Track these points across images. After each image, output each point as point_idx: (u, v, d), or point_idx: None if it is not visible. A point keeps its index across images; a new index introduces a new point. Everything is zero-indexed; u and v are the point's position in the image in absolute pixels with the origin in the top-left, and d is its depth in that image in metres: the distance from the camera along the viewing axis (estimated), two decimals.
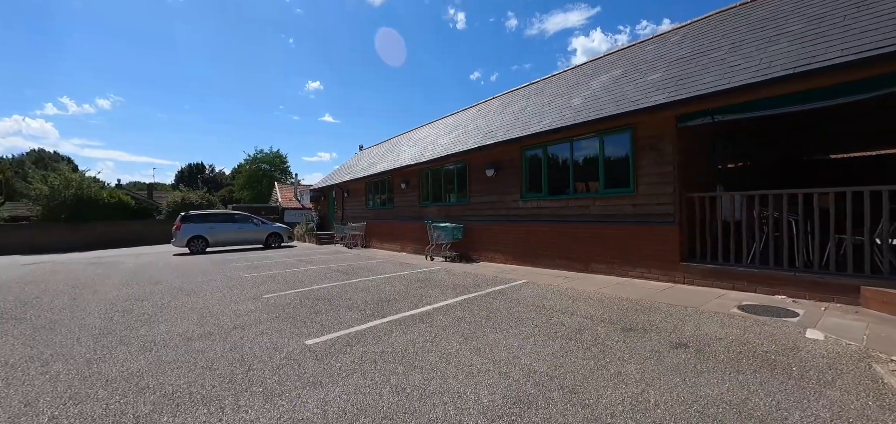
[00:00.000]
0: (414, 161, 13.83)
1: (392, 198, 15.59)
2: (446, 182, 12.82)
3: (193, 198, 28.20)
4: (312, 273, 9.82)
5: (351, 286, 7.94)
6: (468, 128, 13.71)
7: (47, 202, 23.34)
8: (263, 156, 49.53)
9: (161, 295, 7.60)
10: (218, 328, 5.28)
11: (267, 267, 11.29)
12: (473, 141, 11.68)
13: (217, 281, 9.00)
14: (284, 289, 7.77)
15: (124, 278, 9.82)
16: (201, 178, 61.84)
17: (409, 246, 14.06)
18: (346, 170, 21.79)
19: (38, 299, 7.52)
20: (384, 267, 10.48)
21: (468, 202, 11.81)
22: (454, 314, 5.55)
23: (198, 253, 16.01)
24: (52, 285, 9.12)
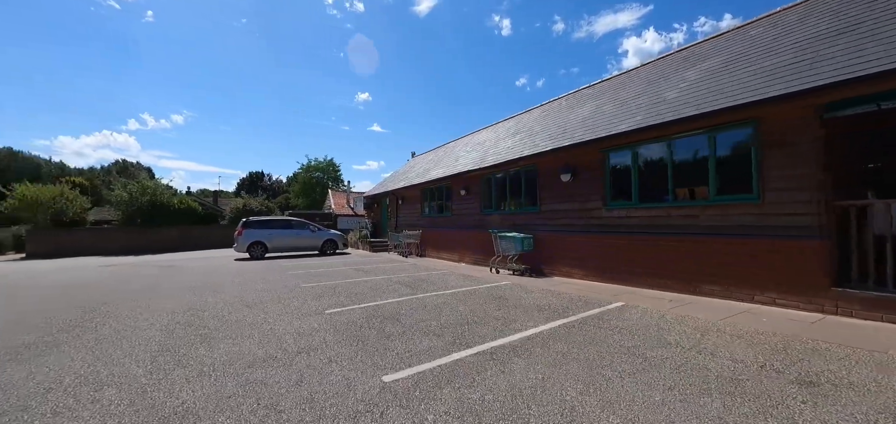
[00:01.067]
0: (474, 166, 12.94)
1: (450, 206, 14.77)
2: (512, 188, 11.78)
3: (254, 205, 29.13)
4: (373, 284, 9.15)
5: (418, 302, 7.12)
6: (533, 130, 12.63)
7: (126, 207, 24.92)
8: (317, 164, 50.94)
9: (222, 306, 7.17)
10: (281, 350, 4.60)
11: (325, 276, 10.80)
12: (543, 143, 10.59)
13: (277, 291, 8.54)
14: (347, 304, 7.08)
15: (189, 284, 9.68)
16: (261, 186, 64.81)
17: (469, 256, 13.13)
18: (400, 177, 21.34)
19: (106, 305, 7.35)
20: (448, 280, 9.62)
21: (538, 210, 10.69)
22: (555, 347, 4.51)
23: (257, 259, 16.05)
24: (121, 290, 9.10)
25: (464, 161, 14.76)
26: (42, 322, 6.23)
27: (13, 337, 5.42)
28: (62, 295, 8.63)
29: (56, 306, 7.40)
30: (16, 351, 4.82)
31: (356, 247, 20.90)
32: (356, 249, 20.55)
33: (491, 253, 11.60)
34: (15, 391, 3.69)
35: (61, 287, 9.81)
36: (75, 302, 7.77)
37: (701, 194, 7.25)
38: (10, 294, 9.01)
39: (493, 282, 9.14)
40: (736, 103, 6.32)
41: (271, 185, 65.95)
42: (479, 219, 12.91)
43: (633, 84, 10.75)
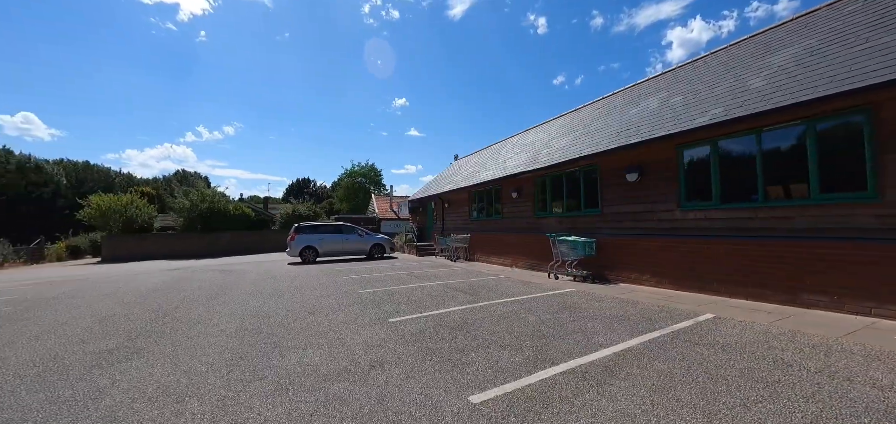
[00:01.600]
0: (526, 167, 12.46)
1: (500, 208, 14.36)
2: (569, 189, 11.21)
3: (302, 210, 30.04)
4: (430, 291, 8.92)
5: (482, 311, 6.78)
6: (590, 128, 11.98)
7: (187, 214, 26.39)
8: (359, 169, 51.98)
9: (285, 312, 7.17)
10: (353, 363, 4.41)
11: (379, 281, 10.72)
12: (605, 141, 9.97)
13: (335, 296, 8.50)
14: (409, 312, 6.87)
15: (250, 289, 9.89)
16: (306, 192, 67.13)
17: (523, 260, 12.66)
18: (445, 180, 21.16)
19: (177, 310, 7.57)
20: (506, 287, 9.23)
21: (599, 212, 10.08)
22: (654, 366, 4.03)
23: (309, 263, 16.36)
24: (189, 294, 9.41)
25: (513, 162, 14.31)
26: (122, 326, 6.45)
27: (98, 342, 5.61)
28: (137, 299, 9.03)
29: (132, 310, 7.71)
30: (100, 357, 4.94)
31: (402, 251, 20.91)
32: (402, 253, 20.56)
33: (546, 258, 11.09)
34: (102, 400, 3.70)
35: (135, 291, 10.32)
36: (150, 306, 8.08)
37: (798, 192, 6.44)
38: (91, 298, 9.55)
39: (555, 289, 8.65)
40: (849, 89, 5.53)
41: (316, 191, 68.09)
42: (533, 223, 12.41)
43: (703, 74, 9.90)
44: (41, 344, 5.63)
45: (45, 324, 6.79)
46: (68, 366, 4.64)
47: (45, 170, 43.76)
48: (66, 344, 5.58)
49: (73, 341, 5.69)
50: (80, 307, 8.27)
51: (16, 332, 6.32)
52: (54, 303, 8.82)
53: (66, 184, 43.53)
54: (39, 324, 6.83)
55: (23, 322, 7.06)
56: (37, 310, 8.08)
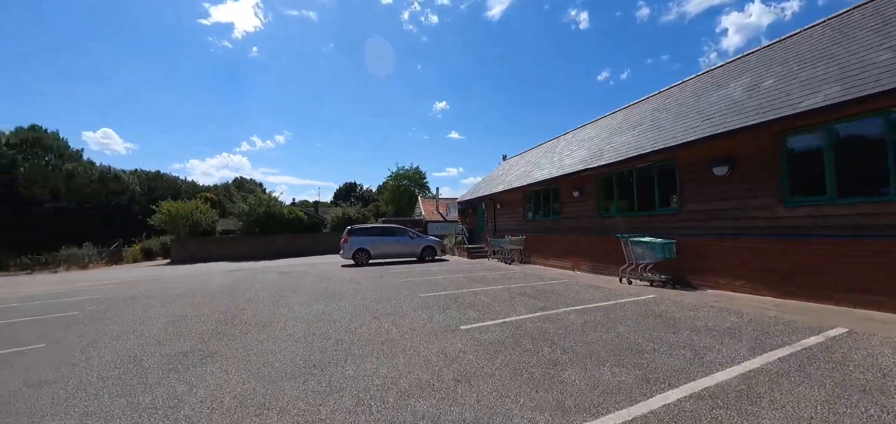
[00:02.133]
0: (588, 164, 11.65)
1: (558, 208, 13.59)
2: (640, 187, 10.31)
3: (351, 213, 30.58)
4: (493, 295, 8.42)
5: (559, 320, 6.19)
6: (659, 121, 10.97)
7: (246, 218, 27.58)
8: (404, 172, 52.36)
9: (350, 316, 6.93)
10: (434, 376, 4.00)
11: (437, 284, 10.35)
12: (682, 133, 9.03)
13: (396, 300, 8.21)
14: (479, 318, 6.40)
15: (311, 291, 9.85)
16: (353, 195, 68.83)
17: (585, 263, 11.84)
18: (496, 181, 20.58)
19: (244, 312, 7.57)
20: (575, 292, 8.54)
21: (677, 210, 9.14)
22: (800, 392, 3.29)
23: (362, 265, 16.37)
24: (253, 296, 9.50)
25: (572, 160, 13.50)
26: (194, 328, 6.47)
27: (173, 344, 5.60)
28: (206, 300, 9.22)
29: (202, 312, 7.81)
30: (175, 360, 4.87)
31: (452, 253, 20.55)
32: (452, 255, 20.19)
33: (613, 261, 10.26)
34: (181, 409, 3.52)
35: (203, 292, 10.61)
36: (218, 307, 8.18)
37: None
38: (165, 298, 9.89)
39: (633, 296, 7.85)
40: None
41: (363, 194, 69.62)
42: (596, 223, 11.57)
43: (798, 53, 8.71)
44: (121, 344, 5.70)
45: (125, 324, 6.98)
46: (147, 369, 4.58)
47: (123, 180, 47.80)
48: (144, 345, 5.61)
49: (150, 342, 5.73)
50: (155, 307, 8.53)
51: (99, 331, 6.51)
52: (132, 303, 9.19)
53: (140, 192, 47.30)
54: (119, 324, 7.03)
55: (105, 321, 7.32)
56: (117, 310, 8.42)
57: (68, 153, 47.52)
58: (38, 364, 4.96)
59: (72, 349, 5.56)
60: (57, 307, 9.13)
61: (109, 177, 47.71)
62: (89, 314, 8.08)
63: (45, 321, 7.57)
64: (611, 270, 10.72)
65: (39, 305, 9.60)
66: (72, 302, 9.84)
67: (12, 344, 6.00)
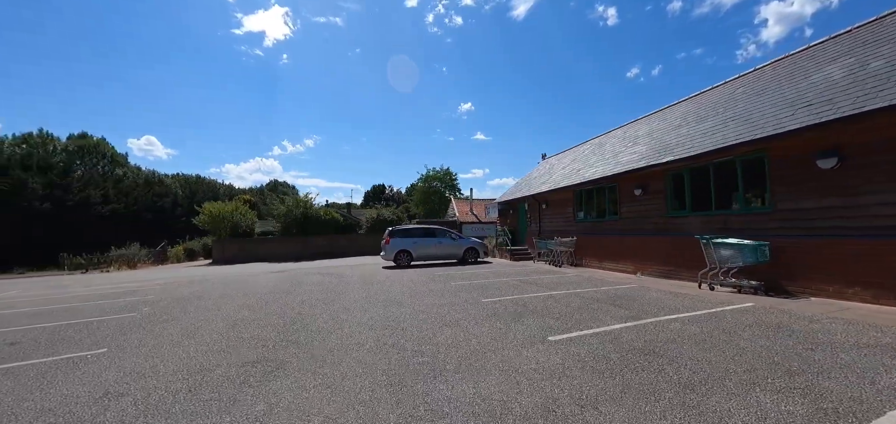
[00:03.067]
0: (653, 160, 10.72)
1: (616, 208, 12.66)
2: (719, 183, 9.32)
3: (386, 214, 30.30)
4: (564, 301, 7.67)
5: (658, 330, 5.39)
6: (737, 111, 9.89)
7: (284, 219, 27.74)
8: (435, 173, 51.99)
9: (417, 323, 6.35)
10: (550, 400, 3.34)
11: (495, 288, 9.68)
12: (772, 123, 8.01)
13: (460, 305, 7.60)
14: (564, 328, 5.68)
15: (363, 295, 9.38)
16: (383, 197, 69.15)
17: (650, 266, 10.89)
18: (538, 180, 19.73)
19: (302, 316, 7.12)
20: (655, 298, 7.67)
21: (770, 209, 8.13)
22: None
23: (404, 267, 15.88)
24: (305, 298, 9.11)
25: (631, 156, 12.55)
26: (255, 334, 6.04)
27: (238, 351, 5.16)
28: (259, 302, 8.89)
29: (258, 315, 7.44)
30: (245, 372, 4.40)
31: (493, 255, 19.80)
32: (494, 257, 19.44)
33: (683, 264, 9.37)
34: None
35: (254, 293, 10.34)
36: (273, 310, 7.79)
37: None
38: (217, 299, 9.65)
39: (726, 304, 6.93)
40: None
41: (393, 196, 69.87)
42: (664, 223, 10.61)
43: None
44: (184, 351, 5.31)
45: (183, 327, 6.65)
46: (218, 382, 4.11)
47: (166, 184, 49.60)
48: (208, 352, 5.20)
49: (213, 350, 5.31)
50: (210, 309, 8.24)
51: (159, 336, 6.18)
52: (185, 305, 8.96)
53: (182, 195, 48.89)
54: (178, 327, 6.72)
55: (162, 323, 7.03)
56: (172, 311, 8.18)
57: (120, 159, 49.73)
58: (103, 373, 4.60)
59: (135, 356, 5.22)
60: (113, 308, 9.01)
61: (154, 180, 49.60)
62: (146, 316, 7.86)
63: (103, 323, 7.37)
64: (683, 274, 9.76)
65: (95, 306, 9.54)
66: (126, 302, 9.75)
67: (76, 347, 5.73)
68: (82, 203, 37.87)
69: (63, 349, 5.72)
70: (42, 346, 5.93)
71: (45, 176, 36.24)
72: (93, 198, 39.09)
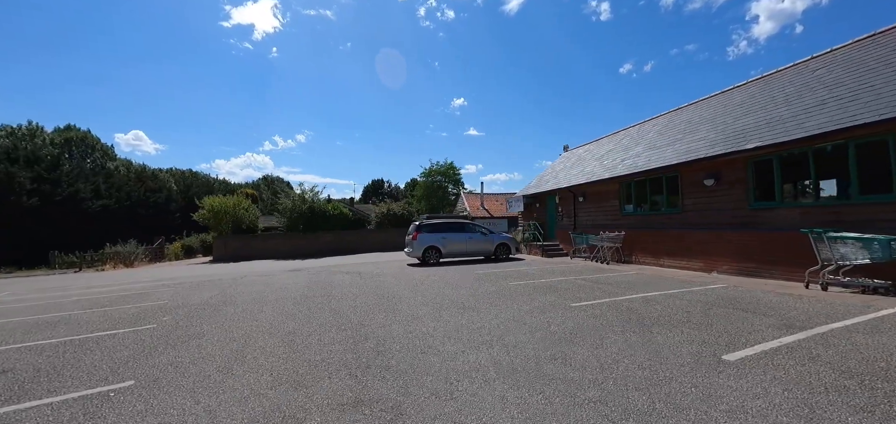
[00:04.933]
0: (731, 147, 9.51)
1: (678, 200, 11.44)
2: (821, 171, 8.20)
3: (397, 209, 28.81)
4: (670, 303, 6.38)
5: (840, 342, 4.13)
6: (829, 90, 8.73)
7: (290, 214, 26.08)
8: (437, 167, 50.53)
9: (523, 337, 4.99)
10: None
11: (567, 289, 8.38)
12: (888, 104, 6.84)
13: (548, 310, 6.27)
14: (732, 345, 4.36)
15: (417, 296, 8.01)
16: (382, 192, 67.48)
17: (726, 264, 9.68)
18: (568, 172, 18.48)
19: (368, 329, 5.70)
20: (781, 302, 6.43)
21: (894, 198, 6.97)
22: None
23: (432, 265, 14.51)
24: (352, 303, 7.70)
25: (692, 144, 11.32)
26: (326, 356, 4.62)
27: (318, 386, 3.71)
28: (297, 309, 7.46)
29: (309, 326, 6.01)
30: (347, 415, 3.04)
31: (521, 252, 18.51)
32: (525, 254, 18.13)
33: (769, 262, 8.36)
34: None
35: (286, 297, 8.89)
36: (324, 321, 6.36)
37: None
38: (245, 305, 8.19)
39: (865, 310, 5.72)
40: None
41: (391, 191, 68.23)
42: (746, 216, 9.40)
43: None
44: (242, 383, 3.88)
45: (224, 345, 5.18)
46: None
47: (159, 178, 47.21)
48: (276, 385, 3.78)
49: (281, 381, 3.89)
50: (245, 319, 6.77)
51: (197, 360, 4.69)
52: (213, 313, 7.45)
53: (176, 190, 46.64)
54: (215, 344, 5.25)
55: (194, 341, 5.54)
56: (200, 322, 6.68)
57: (109, 152, 47.21)
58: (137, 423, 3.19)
59: (176, 391, 3.77)
60: (124, 317, 7.48)
61: (146, 175, 47.17)
62: (168, 328, 6.37)
63: (118, 340, 5.87)
64: (772, 272, 8.59)
65: (102, 314, 7.99)
66: (137, 310, 8.21)
67: (91, 379, 4.24)
68: (72, 197, 35.51)
69: (73, 381, 4.24)
70: (43, 376, 4.43)
71: (32, 169, 33.83)
72: (82, 192, 36.72)
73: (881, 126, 6.87)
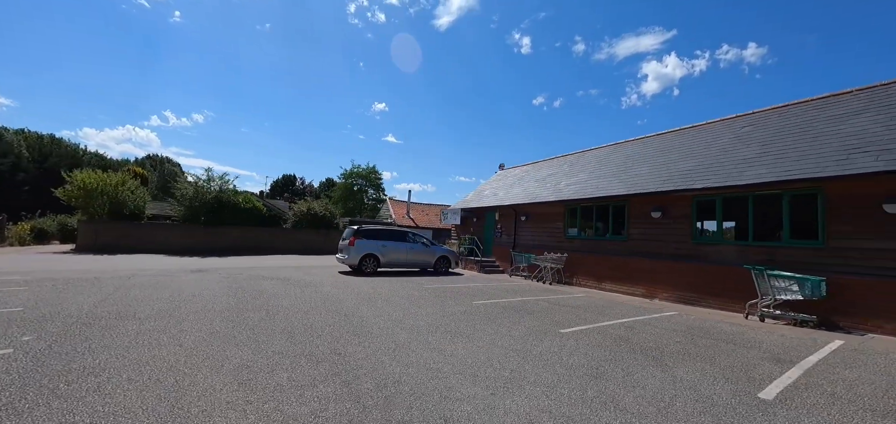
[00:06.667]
0: (680, 185, 10.15)
1: (623, 229, 11.88)
2: (760, 214, 8.97)
3: (317, 208, 26.17)
4: (643, 332, 6.22)
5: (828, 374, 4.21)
6: (784, 144, 9.68)
7: (190, 202, 22.01)
8: (358, 170, 48.13)
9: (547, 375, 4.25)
10: None
11: (523, 310, 7.88)
12: (831, 163, 7.83)
13: (545, 343, 5.64)
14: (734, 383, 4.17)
15: (380, 313, 6.79)
16: (292, 189, 62.04)
17: (666, 292, 10.21)
18: (507, 191, 18.53)
19: (350, 361, 4.41)
20: (735, 332, 6.69)
21: (822, 245, 7.88)
22: None
23: (368, 274, 13.13)
24: (312, 321, 6.17)
25: (639, 179, 11.94)
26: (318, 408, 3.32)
27: None
28: (251, 333, 5.72)
29: (270, 355, 4.48)
30: None
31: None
32: (460, 269, 17.52)
33: (707, 293, 9.02)
34: None
35: (211, 309, 6.88)
36: (281, 345, 4.82)
37: None
38: (163, 324, 6.10)
39: (823, 345, 6.19)
40: None
41: (305, 189, 63.22)
42: (689, 249, 10.01)
43: None
44: None
45: (141, 393, 3.42)
46: None
47: (4, 138, 36.70)
48: None
49: None
50: (159, 340, 4.84)
51: (99, 415, 3.00)
52: (101, 332, 5.27)
53: (28, 158, 36.66)
54: (126, 392, 3.46)
55: (89, 383, 3.60)
56: (85, 350, 4.55)
57: None
58: None
59: None
60: None
61: None
62: (36, 358, 4.22)
63: None
64: (709, 302, 9.23)
65: None
66: None
67: None
68: None
69: None
70: None
71: None
72: None
73: (806, 183, 7.75)
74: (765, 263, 8.38)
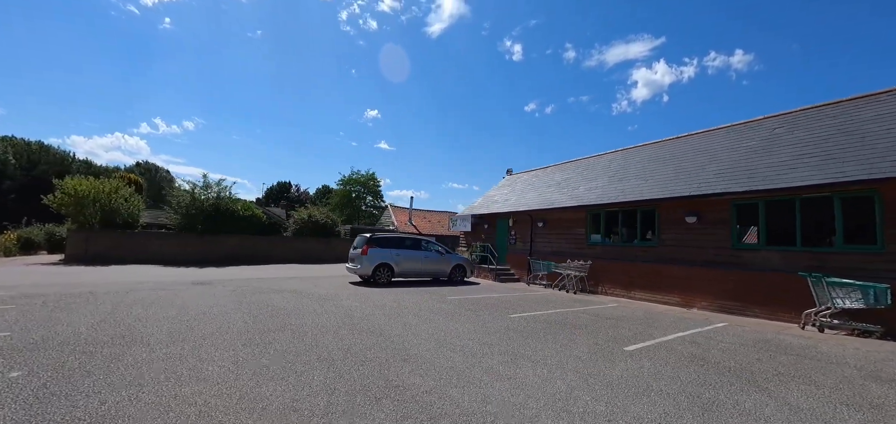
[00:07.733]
0: (717, 188, 9.58)
1: (653, 234, 11.28)
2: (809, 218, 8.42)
3: (318, 216, 25.23)
4: (717, 349, 5.55)
5: None
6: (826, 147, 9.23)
7: (187, 209, 20.93)
8: (357, 177, 47.24)
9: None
10: None
11: (566, 324, 7.17)
12: (889, 165, 7.30)
13: (598, 367, 4.94)
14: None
15: (409, 338, 6.02)
16: (287, 196, 60.64)
17: (705, 301, 9.58)
18: (519, 197, 17.87)
19: (403, 388, 3.68)
20: (806, 344, 6.05)
21: (882, 250, 7.32)
22: None
23: (384, 285, 12.31)
24: (329, 347, 5.39)
25: (657, 183, 11.37)
26: None
27: None
28: (284, 360, 4.90)
29: (318, 390, 3.68)
30: None
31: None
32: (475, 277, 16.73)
33: (752, 301, 8.47)
34: None
35: (237, 333, 6.05)
36: (323, 376, 4.03)
37: None
38: (179, 350, 5.25)
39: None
40: None
41: (299, 196, 61.88)
42: (728, 256, 9.41)
43: None
44: None
45: None
46: None
47: None
48: None
49: None
50: (175, 372, 4.01)
51: None
52: (105, 363, 4.42)
53: (15, 165, 34.98)
54: None
55: None
56: (88, 388, 3.75)
57: None
58: None
59: None
60: None
61: None
62: (28, 398, 3.40)
63: None
64: (754, 312, 8.62)
65: None
66: None
67: None
68: None
69: None
70: None
71: None
72: None
73: (861, 184, 7.21)
74: (815, 269, 7.80)
